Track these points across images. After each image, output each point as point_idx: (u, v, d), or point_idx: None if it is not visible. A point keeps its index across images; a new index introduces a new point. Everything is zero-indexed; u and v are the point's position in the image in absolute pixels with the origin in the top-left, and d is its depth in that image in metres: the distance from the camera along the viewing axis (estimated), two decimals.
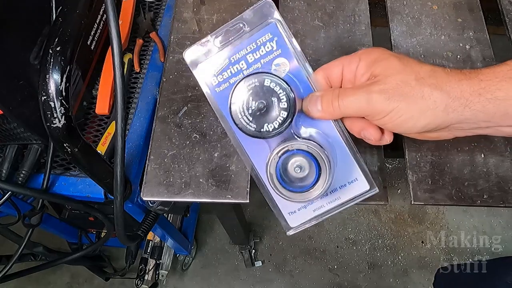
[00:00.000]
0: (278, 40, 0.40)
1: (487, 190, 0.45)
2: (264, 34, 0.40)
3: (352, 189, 0.42)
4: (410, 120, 0.36)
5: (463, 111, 0.35)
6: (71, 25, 0.39)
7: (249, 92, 0.37)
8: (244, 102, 0.37)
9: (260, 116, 0.37)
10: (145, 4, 0.74)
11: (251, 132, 0.38)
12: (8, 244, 0.79)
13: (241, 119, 0.37)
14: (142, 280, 1.18)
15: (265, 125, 0.37)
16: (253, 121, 0.37)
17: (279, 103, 0.37)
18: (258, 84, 0.37)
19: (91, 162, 0.47)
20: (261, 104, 0.37)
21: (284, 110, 0.37)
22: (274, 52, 0.40)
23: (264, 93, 0.37)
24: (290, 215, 0.42)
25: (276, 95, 0.37)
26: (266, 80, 0.37)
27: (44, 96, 0.37)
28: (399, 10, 0.59)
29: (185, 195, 0.47)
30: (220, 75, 0.41)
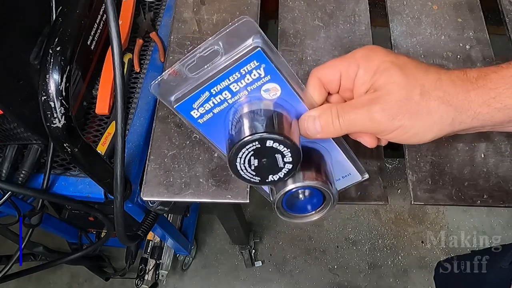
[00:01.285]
0: (266, 67, 0.34)
1: (487, 190, 0.46)
2: (249, 62, 0.34)
3: (345, 180, 0.44)
4: (416, 136, 0.35)
5: (471, 122, 0.35)
6: (71, 25, 0.39)
7: (250, 154, 0.35)
8: (246, 161, 0.35)
9: (263, 169, 0.36)
10: (145, 4, 0.74)
11: (256, 184, 0.37)
12: (8, 244, 0.79)
13: (244, 175, 0.36)
14: (142, 280, 1.18)
15: (270, 176, 0.36)
16: (256, 175, 0.36)
17: (284, 158, 0.35)
18: (259, 146, 0.34)
19: (91, 162, 0.47)
20: (264, 160, 0.35)
21: (289, 163, 0.35)
22: (262, 79, 0.35)
23: (267, 152, 0.35)
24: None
25: (279, 152, 0.35)
26: (268, 142, 0.34)
27: (44, 96, 0.37)
28: (399, 10, 0.59)
29: (185, 195, 0.47)
30: (201, 107, 0.36)
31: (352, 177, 0.44)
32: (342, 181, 0.45)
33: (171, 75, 0.35)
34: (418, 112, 0.34)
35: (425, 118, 0.34)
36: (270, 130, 0.34)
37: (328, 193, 0.39)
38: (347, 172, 0.43)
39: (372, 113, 0.34)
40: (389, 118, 0.34)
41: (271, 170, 0.36)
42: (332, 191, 0.38)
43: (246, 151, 0.34)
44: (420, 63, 0.36)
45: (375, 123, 0.35)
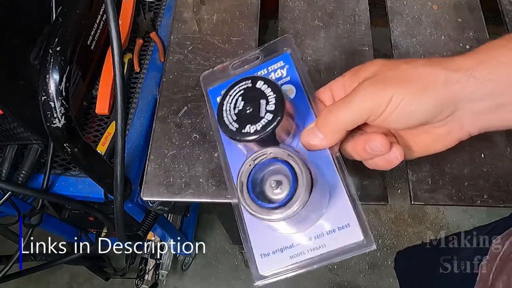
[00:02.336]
0: (289, 68, 0.40)
1: (487, 190, 0.46)
2: (276, 62, 0.41)
3: (342, 237, 0.33)
4: (413, 102, 0.32)
5: (467, 81, 0.31)
6: (71, 25, 0.39)
7: (240, 92, 0.36)
8: (233, 101, 0.36)
9: (245, 117, 0.34)
10: (145, 4, 0.74)
11: (231, 132, 0.34)
12: (8, 244, 0.79)
13: (225, 117, 0.35)
14: (142, 280, 1.18)
15: (248, 126, 0.34)
16: (236, 121, 0.35)
17: (267, 105, 0.34)
18: (250, 85, 0.35)
19: (91, 162, 0.47)
20: (248, 105, 0.35)
21: (271, 112, 0.34)
22: (283, 79, 0.40)
23: (255, 95, 0.35)
24: (262, 258, 0.34)
25: (265, 97, 0.34)
26: (259, 82, 0.35)
27: (44, 96, 0.37)
28: (399, 10, 0.59)
29: (185, 195, 0.47)
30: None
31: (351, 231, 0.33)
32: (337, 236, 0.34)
33: (219, 68, 0.43)
34: (408, 77, 0.32)
35: (416, 81, 0.32)
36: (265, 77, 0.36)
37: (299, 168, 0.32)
38: (345, 221, 0.34)
39: (361, 90, 0.33)
40: (380, 88, 0.33)
41: (251, 119, 0.34)
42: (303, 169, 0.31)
43: (238, 88, 0.36)
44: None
45: (367, 101, 0.33)
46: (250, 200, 0.32)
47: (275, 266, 0.34)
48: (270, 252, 0.34)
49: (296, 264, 0.34)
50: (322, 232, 0.34)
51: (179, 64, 0.56)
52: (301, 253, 0.34)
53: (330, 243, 0.33)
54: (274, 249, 0.34)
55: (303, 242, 0.34)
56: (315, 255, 0.33)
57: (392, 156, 0.35)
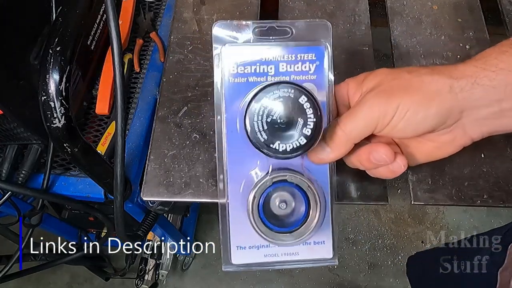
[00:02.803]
0: (318, 66, 0.36)
1: (487, 190, 0.45)
2: (309, 51, 0.36)
3: (314, 250, 0.37)
4: (419, 112, 0.33)
5: (471, 89, 0.32)
6: (71, 25, 0.39)
7: (280, 99, 0.33)
8: (268, 107, 0.33)
9: (276, 130, 0.33)
10: (145, 4, 0.74)
11: (258, 141, 0.33)
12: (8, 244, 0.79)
13: (255, 122, 0.33)
14: (142, 280, 1.18)
15: (277, 142, 0.33)
16: (266, 131, 0.33)
17: (304, 128, 0.32)
18: (292, 96, 0.32)
19: (91, 162, 0.47)
20: (284, 119, 0.32)
21: (305, 137, 0.32)
22: (309, 75, 0.36)
23: (294, 109, 0.32)
24: (238, 250, 0.37)
25: (305, 117, 0.32)
26: (303, 97, 0.32)
27: (44, 96, 0.37)
28: (399, 10, 0.59)
29: (185, 195, 0.47)
30: (242, 66, 0.36)
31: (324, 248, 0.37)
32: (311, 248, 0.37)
33: (236, 24, 0.37)
34: (412, 85, 0.33)
35: (421, 89, 0.33)
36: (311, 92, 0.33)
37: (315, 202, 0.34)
38: (322, 238, 0.37)
39: (367, 101, 0.34)
40: (386, 98, 0.33)
41: (283, 136, 0.33)
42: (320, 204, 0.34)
43: (278, 93, 0.32)
44: None
45: (374, 111, 0.33)
46: (259, 219, 0.34)
47: (248, 260, 0.37)
48: (247, 246, 0.37)
49: (266, 262, 0.37)
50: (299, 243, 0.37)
51: (179, 64, 0.56)
52: (275, 255, 0.37)
53: (303, 253, 0.37)
54: (251, 244, 0.37)
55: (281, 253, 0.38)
56: (286, 259, 0.37)
57: (396, 166, 0.36)
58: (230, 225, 0.37)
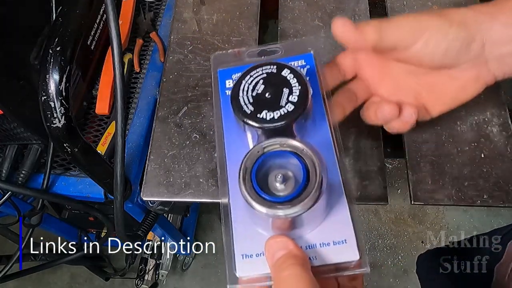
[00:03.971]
0: (310, 69, 0.38)
1: (487, 190, 0.45)
2: (298, 59, 0.39)
3: (335, 252, 0.30)
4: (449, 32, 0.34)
5: (491, 23, 0.34)
6: (71, 25, 0.39)
7: (263, 75, 0.33)
8: (252, 83, 0.33)
9: (263, 102, 0.32)
10: (145, 4, 0.74)
11: (244, 114, 0.32)
12: (8, 244, 0.79)
13: (241, 97, 0.33)
14: (142, 280, 1.18)
15: (264, 111, 0.32)
16: (252, 104, 0.32)
17: (290, 96, 0.32)
18: (275, 71, 0.33)
19: (91, 162, 0.47)
20: (269, 90, 0.33)
21: (292, 104, 0.32)
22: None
23: (278, 82, 0.33)
24: (243, 259, 0.31)
25: (289, 86, 0.32)
26: (285, 70, 0.33)
27: (44, 96, 0.37)
28: (399, 10, 0.59)
29: (185, 195, 0.47)
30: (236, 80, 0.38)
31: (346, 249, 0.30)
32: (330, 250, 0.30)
33: (233, 53, 0.40)
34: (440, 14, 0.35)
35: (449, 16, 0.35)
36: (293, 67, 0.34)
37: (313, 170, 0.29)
38: (343, 236, 0.30)
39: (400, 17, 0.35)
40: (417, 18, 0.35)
41: (269, 106, 0.32)
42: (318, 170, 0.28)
43: (261, 71, 0.34)
44: None
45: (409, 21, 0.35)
46: (252, 189, 0.29)
47: (256, 271, 0.30)
48: (254, 254, 0.31)
49: None
50: (315, 243, 0.30)
51: (179, 64, 0.56)
52: None
53: (321, 257, 0.30)
54: (258, 252, 0.31)
55: None
56: None
57: (406, 116, 0.38)
58: (233, 229, 0.32)
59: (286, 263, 0.27)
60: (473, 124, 0.49)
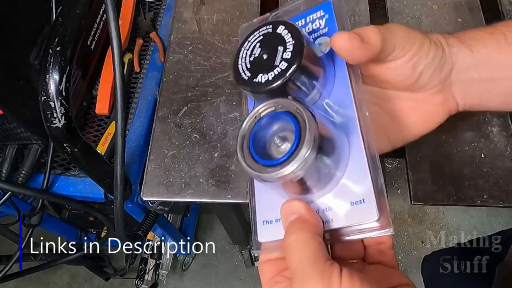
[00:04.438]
0: (328, 18, 0.35)
1: (487, 190, 0.45)
2: (316, 11, 0.36)
3: (353, 213, 0.28)
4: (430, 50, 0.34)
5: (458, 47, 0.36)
6: (71, 25, 0.39)
7: (259, 37, 0.32)
8: (250, 47, 0.32)
9: (260, 65, 0.31)
10: (145, 4, 0.74)
11: (243, 82, 0.31)
12: (8, 244, 0.79)
13: (239, 65, 0.32)
14: (142, 280, 1.18)
15: (260, 75, 0.30)
16: (250, 69, 0.31)
17: (284, 53, 0.30)
18: (271, 30, 0.31)
19: (91, 162, 0.47)
20: (265, 52, 0.31)
21: (286, 61, 0.29)
22: (321, 30, 0.35)
23: (274, 41, 0.31)
24: (264, 225, 0.31)
25: (284, 43, 0.30)
26: (280, 27, 0.31)
27: (44, 96, 0.37)
28: (399, 10, 0.59)
29: (185, 195, 0.47)
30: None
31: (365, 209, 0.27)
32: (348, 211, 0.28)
33: (258, 20, 0.38)
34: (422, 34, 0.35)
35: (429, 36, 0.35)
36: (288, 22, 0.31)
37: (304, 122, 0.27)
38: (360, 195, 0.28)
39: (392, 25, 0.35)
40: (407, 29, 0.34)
41: (265, 68, 0.30)
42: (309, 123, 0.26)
43: (258, 34, 0.32)
44: None
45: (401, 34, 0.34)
46: (249, 156, 0.28)
47: (275, 236, 0.30)
48: (274, 220, 0.31)
49: None
50: (330, 205, 0.29)
51: (179, 64, 0.56)
52: None
53: (339, 220, 0.28)
54: (277, 217, 0.30)
55: None
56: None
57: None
58: (256, 196, 0.32)
59: (294, 227, 0.27)
60: (473, 124, 0.49)
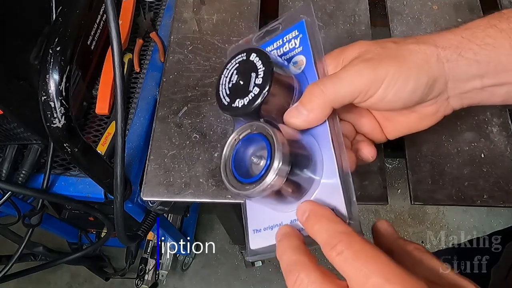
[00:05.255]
0: (302, 38, 0.37)
1: (487, 190, 0.46)
2: (292, 31, 0.38)
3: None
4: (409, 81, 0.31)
5: (457, 59, 0.32)
6: (71, 25, 0.39)
7: (236, 65, 0.35)
8: (229, 75, 0.35)
9: (237, 91, 0.33)
10: (145, 4, 0.74)
11: (223, 107, 0.34)
12: (8, 244, 0.79)
13: (220, 91, 0.35)
14: (142, 280, 1.18)
15: (237, 100, 0.33)
16: (229, 95, 0.34)
17: (256, 79, 0.32)
18: (245, 58, 0.34)
19: (91, 162, 0.47)
20: (241, 78, 0.34)
21: (258, 86, 0.32)
22: (296, 49, 0.37)
23: (247, 68, 0.33)
24: (254, 234, 0.35)
25: (256, 69, 0.33)
26: (253, 54, 0.34)
27: (44, 96, 0.37)
28: (399, 10, 0.59)
29: (185, 195, 0.47)
30: None
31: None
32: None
33: (244, 41, 0.41)
34: (399, 55, 0.32)
35: (410, 57, 0.32)
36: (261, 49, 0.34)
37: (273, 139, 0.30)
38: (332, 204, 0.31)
39: (353, 66, 0.32)
40: (373, 67, 0.31)
41: (241, 93, 0.33)
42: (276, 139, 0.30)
43: (235, 61, 0.35)
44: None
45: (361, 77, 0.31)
46: (232, 176, 0.32)
47: (264, 243, 0.34)
48: (262, 228, 0.35)
49: None
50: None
51: (179, 64, 0.56)
52: None
53: None
54: (265, 226, 0.34)
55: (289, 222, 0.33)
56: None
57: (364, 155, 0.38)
58: (247, 209, 0.36)
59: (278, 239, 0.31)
60: (473, 124, 0.49)
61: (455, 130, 0.49)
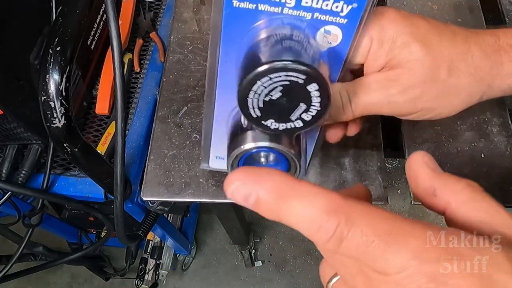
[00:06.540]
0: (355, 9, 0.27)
1: (487, 190, 0.45)
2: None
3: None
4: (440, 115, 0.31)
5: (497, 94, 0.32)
6: (71, 25, 0.39)
7: (285, 83, 0.27)
8: (269, 87, 0.27)
9: (273, 110, 0.28)
10: (145, 4, 0.74)
11: (249, 117, 0.29)
12: (8, 244, 0.79)
13: (249, 98, 0.28)
14: (142, 280, 1.18)
15: (271, 121, 0.29)
16: (261, 109, 0.28)
17: (303, 113, 0.28)
18: (302, 83, 0.26)
19: (91, 162, 0.47)
20: (284, 101, 0.28)
21: (302, 121, 0.29)
22: (338, 18, 0.28)
23: (299, 95, 0.27)
24: (216, 160, 0.41)
25: (308, 103, 0.28)
26: (313, 85, 0.27)
27: (44, 96, 0.37)
28: None
29: (185, 195, 0.47)
30: None
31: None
32: None
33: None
34: (445, 92, 0.30)
35: (452, 98, 0.30)
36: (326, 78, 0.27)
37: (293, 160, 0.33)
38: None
39: (390, 96, 0.30)
40: (411, 102, 0.30)
41: (278, 116, 0.29)
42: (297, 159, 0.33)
43: (285, 77, 0.26)
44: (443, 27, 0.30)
45: (394, 107, 0.30)
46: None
47: (222, 167, 0.41)
48: (224, 157, 0.39)
49: None
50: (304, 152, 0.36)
51: (179, 64, 0.56)
52: None
53: None
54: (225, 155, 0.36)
55: None
56: None
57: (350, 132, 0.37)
58: (212, 137, 0.39)
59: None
60: (473, 124, 0.49)
61: (455, 130, 0.49)
